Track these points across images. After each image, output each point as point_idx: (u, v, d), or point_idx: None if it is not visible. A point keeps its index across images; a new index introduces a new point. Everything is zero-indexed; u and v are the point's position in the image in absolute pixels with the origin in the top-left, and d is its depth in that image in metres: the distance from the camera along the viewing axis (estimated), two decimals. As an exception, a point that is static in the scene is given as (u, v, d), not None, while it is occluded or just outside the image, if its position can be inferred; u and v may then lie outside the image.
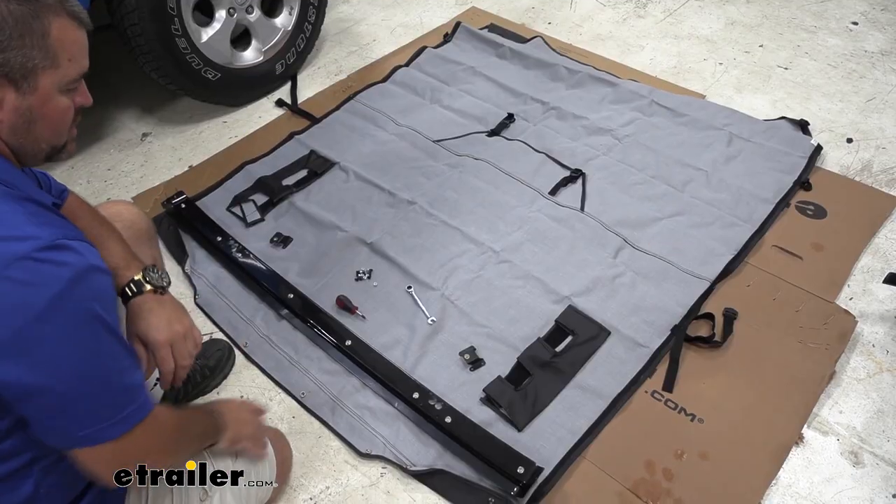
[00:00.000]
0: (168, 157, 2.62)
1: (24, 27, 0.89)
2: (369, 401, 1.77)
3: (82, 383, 0.89)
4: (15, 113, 0.93)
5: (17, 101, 0.93)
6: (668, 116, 2.61)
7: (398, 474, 1.64)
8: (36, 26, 0.91)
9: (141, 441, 0.97)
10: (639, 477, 1.60)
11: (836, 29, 3.16)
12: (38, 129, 0.97)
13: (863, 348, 1.87)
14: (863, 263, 2.08)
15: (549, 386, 1.77)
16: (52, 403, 0.87)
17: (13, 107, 0.93)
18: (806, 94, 2.78)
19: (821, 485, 1.60)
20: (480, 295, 1.99)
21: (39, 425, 0.90)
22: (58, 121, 0.99)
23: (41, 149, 1.00)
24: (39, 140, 0.99)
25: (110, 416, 0.92)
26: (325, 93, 2.89)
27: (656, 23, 3.28)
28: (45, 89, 0.94)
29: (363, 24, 3.37)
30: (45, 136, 0.99)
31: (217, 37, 2.60)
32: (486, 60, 2.99)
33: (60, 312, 0.84)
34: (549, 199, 2.28)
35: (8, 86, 0.91)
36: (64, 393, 0.87)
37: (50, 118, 0.98)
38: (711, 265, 2.05)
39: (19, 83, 0.91)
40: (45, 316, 0.82)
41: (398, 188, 2.34)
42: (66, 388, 0.87)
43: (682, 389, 1.77)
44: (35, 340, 0.83)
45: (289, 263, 2.11)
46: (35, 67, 0.92)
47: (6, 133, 0.94)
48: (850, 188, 2.33)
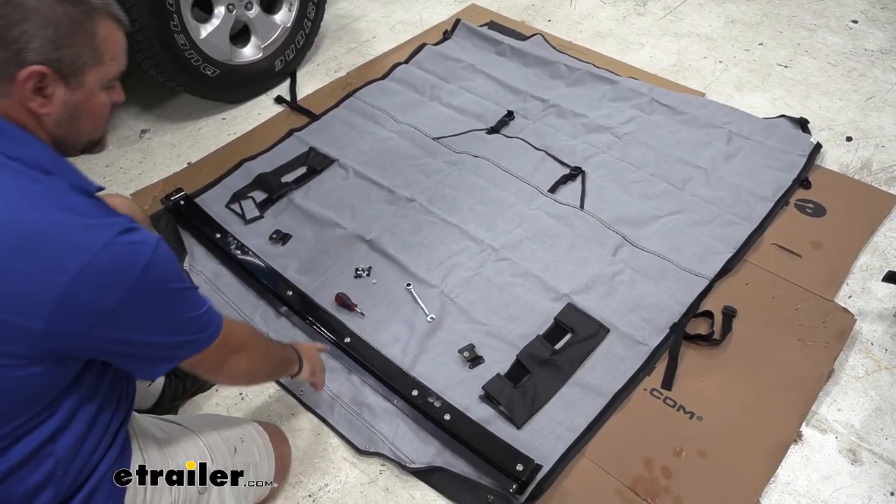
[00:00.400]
0: (167, 154, 2.61)
1: (77, 27, 0.96)
2: (368, 398, 1.77)
3: (174, 329, 1.05)
4: (63, 107, 1.00)
5: (65, 95, 0.99)
6: (668, 114, 2.61)
7: (397, 471, 1.64)
8: (87, 27, 0.98)
9: (224, 341, 1.15)
10: (637, 474, 1.60)
11: (835, 27, 3.16)
12: (80, 123, 1.04)
13: (861, 346, 1.87)
14: (862, 262, 2.08)
15: (548, 383, 1.77)
16: (150, 352, 1.04)
17: (62, 101, 0.99)
18: (805, 93, 2.78)
19: (819, 482, 1.60)
20: (480, 292, 1.99)
21: (139, 365, 1.07)
22: (98, 116, 1.07)
23: (80, 142, 1.07)
24: (81, 133, 1.06)
25: (196, 340, 1.10)
26: (324, 90, 2.89)
27: (656, 20, 3.28)
28: (90, 86, 1.02)
29: (363, 21, 3.36)
30: (86, 129, 1.06)
31: (216, 33, 2.59)
32: (486, 58, 2.98)
33: (150, 280, 0.97)
34: (549, 197, 2.28)
35: (59, 81, 0.98)
36: (160, 341, 1.04)
37: (92, 113, 1.05)
38: (711, 263, 2.05)
39: (69, 79, 0.98)
40: (140, 285, 0.96)
41: (397, 185, 2.34)
42: (161, 337, 1.04)
43: (681, 387, 1.77)
44: (134, 306, 0.97)
45: (288, 260, 2.11)
46: (83, 65, 0.99)
47: (52, 125, 1.01)
48: (850, 186, 2.33)
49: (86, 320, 0.93)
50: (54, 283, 0.90)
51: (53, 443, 1.02)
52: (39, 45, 0.93)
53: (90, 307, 0.93)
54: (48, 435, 1.01)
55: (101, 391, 1.09)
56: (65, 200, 0.95)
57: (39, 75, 0.94)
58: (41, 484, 1.01)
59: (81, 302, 0.92)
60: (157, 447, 1.24)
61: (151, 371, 1.08)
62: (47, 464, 1.01)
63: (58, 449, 1.02)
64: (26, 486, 1.00)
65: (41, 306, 0.90)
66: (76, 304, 0.91)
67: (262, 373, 1.41)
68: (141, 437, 1.22)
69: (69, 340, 0.94)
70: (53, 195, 0.95)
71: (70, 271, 0.90)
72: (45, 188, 0.95)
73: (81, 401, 1.05)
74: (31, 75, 0.94)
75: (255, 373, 1.35)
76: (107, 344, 0.98)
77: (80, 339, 0.95)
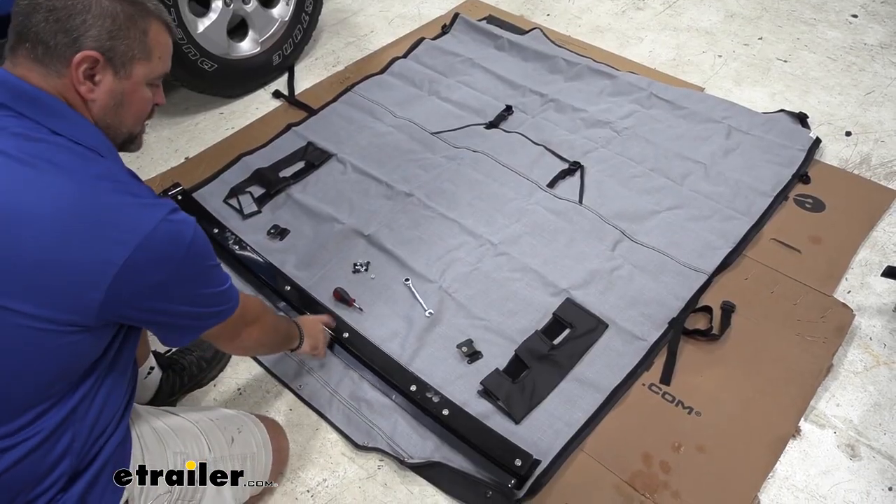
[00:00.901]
0: (164, 149, 2.60)
1: (131, 22, 1.04)
2: (366, 393, 1.77)
3: (205, 301, 1.14)
4: (109, 94, 1.06)
5: (113, 83, 1.06)
6: (667, 109, 2.61)
7: (395, 467, 1.64)
8: (140, 24, 1.06)
9: (241, 314, 1.24)
10: (636, 469, 1.60)
11: (835, 21, 3.15)
12: (123, 113, 1.10)
13: (860, 342, 1.87)
14: (861, 257, 2.08)
15: (546, 379, 1.76)
16: (183, 322, 1.13)
17: (109, 88, 1.05)
18: (805, 87, 2.78)
19: (817, 477, 1.60)
20: (478, 287, 1.99)
21: (170, 333, 1.15)
22: (140, 109, 1.13)
23: (121, 132, 1.12)
24: (122, 124, 1.11)
25: (220, 312, 1.18)
26: (322, 84, 2.88)
27: (655, 15, 3.27)
28: (136, 78, 1.08)
29: (361, 15, 3.35)
30: (127, 121, 1.11)
31: (213, 27, 2.58)
32: (485, 52, 2.97)
33: (193, 255, 1.06)
34: (548, 192, 2.28)
35: (109, 69, 1.04)
36: (193, 311, 1.13)
37: (135, 105, 1.11)
38: (709, 258, 2.05)
39: (118, 68, 1.05)
40: (186, 260, 1.05)
41: (396, 180, 2.33)
42: (195, 308, 1.13)
43: (680, 382, 1.77)
44: (177, 280, 1.05)
45: (286, 255, 2.10)
46: (133, 57, 1.06)
47: (98, 110, 1.06)
48: (849, 181, 2.32)
49: (139, 291, 1.01)
50: (116, 256, 0.96)
51: (74, 414, 1.06)
52: (96, 34, 1.01)
53: (144, 279, 1.00)
54: (72, 407, 1.05)
55: (116, 369, 1.13)
56: (121, 182, 1.02)
57: (92, 60, 1.01)
58: (60, 455, 1.05)
59: (138, 274, 0.99)
60: (155, 435, 1.25)
61: (182, 338, 1.16)
62: (66, 436, 1.05)
63: (77, 421, 1.06)
64: (51, 458, 1.03)
65: (103, 277, 0.96)
66: (133, 276, 0.98)
67: (269, 345, 1.51)
68: (139, 425, 1.23)
69: (120, 308, 1.01)
70: (111, 176, 1.01)
71: (130, 245, 0.97)
72: (104, 170, 1.01)
73: (102, 376, 1.10)
74: (85, 59, 1.01)
75: (263, 344, 1.45)
76: (150, 314, 1.06)
77: (129, 308, 1.03)
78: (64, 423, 1.04)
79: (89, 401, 1.08)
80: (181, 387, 1.75)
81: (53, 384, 1.01)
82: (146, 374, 1.63)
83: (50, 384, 1.01)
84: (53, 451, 1.03)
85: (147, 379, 1.64)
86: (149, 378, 1.65)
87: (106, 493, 1.10)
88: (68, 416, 1.04)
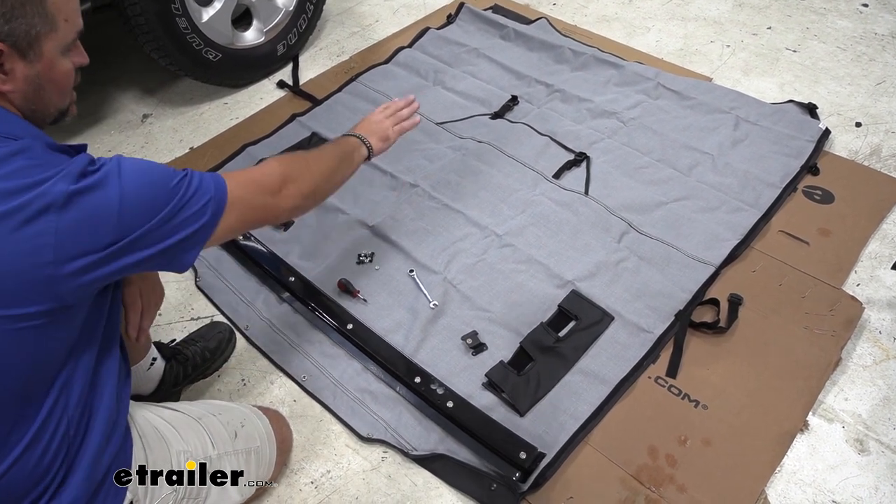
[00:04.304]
0: (169, 139, 2.60)
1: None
2: (371, 385, 1.76)
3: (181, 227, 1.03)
4: (25, 82, 0.98)
5: (26, 69, 0.97)
6: (674, 99, 2.58)
7: (399, 458, 1.63)
8: None
9: (235, 210, 1.12)
10: (642, 463, 1.59)
11: (845, 11, 3.12)
12: (46, 95, 1.02)
13: (869, 335, 1.85)
14: (870, 249, 2.06)
15: (551, 371, 1.75)
16: (171, 254, 1.04)
17: (23, 76, 0.98)
18: (814, 78, 2.75)
19: (825, 472, 1.59)
20: (483, 279, 1.97)
21: (160, 266, 1.06)
22: (64, 84, 1.05)
23: (50, 113, 1.06)
24: (48, 105, 1.04)
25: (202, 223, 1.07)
26: (326, 74, 2.86)
27: (663, 4, 3.23)
28: (49, 54, 0.99)
29: (365, 5, 3.33)
30: (53, 100, 1.04)
31: (218, 17, 2.57)
32: (490, 42, 2.95)
33: (130, 192, 0.96)
34: (553, 183, 2.26)
35: (16, 56, 0.96)
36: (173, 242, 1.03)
37: (56, 82, 1.03)
38: (717, 250, 2.03)
39: (26, 52, 0.96)
40: (122, 202, 0.95)
41: (400, 171, 2.31)
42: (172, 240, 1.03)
43: (686, 375, 1.75)
44: (129, 225, 0.96)
45: (290, 246, 2.09)
46: (38, 35, 0.96)
47: (18, 100, 0.99)
48: (859, 173, 2.30)
49: (90, 257, 0.94)
50: (45, 228, 0.89)
51: (64, 411, 1.01)
52: None
53: (91, 243, 0.93)
54: (60, 406, 1.01)
55: (97, 351, 1.08)
56: (35, 156, 0.94)
57: None
58: (53, 455, 1.01)
59: (79, 240, 0.92)
60: (157, 434, 1.23)
61: (181, 266, 1.08)
62: (59, 433, 1.01)
63: (66, 417, 1.01)
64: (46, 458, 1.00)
65: (43, 254, 0.90)
66: (74, 245, 0.91)
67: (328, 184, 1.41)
68: (140, 425, 1.22)
69: (83, 278, 0.94)
70: (23, 153, 0.93)
71: (53, 211, 0.90)
72: (16, 148, 0.93)
73: (82, 362, 1.05)
74: None
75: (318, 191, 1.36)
76: (126, 269, 0.99)
77: (94, 275, 0.95)
78: (49, 418, 1.00)
79: (73, 387, 1.03)
80: (185, 377, 1.74)
81: (29, 382, 0.96)
82: (149, 366, 1.62)
83: (25, 383, 0.96)
84: (48, 451, 1.00)
85: (150, 370, 1.63)
86: (151, 369, 1.64)
87: (108, 497, 1.09)
88: (52, 409, 1.00)
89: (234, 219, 1.12)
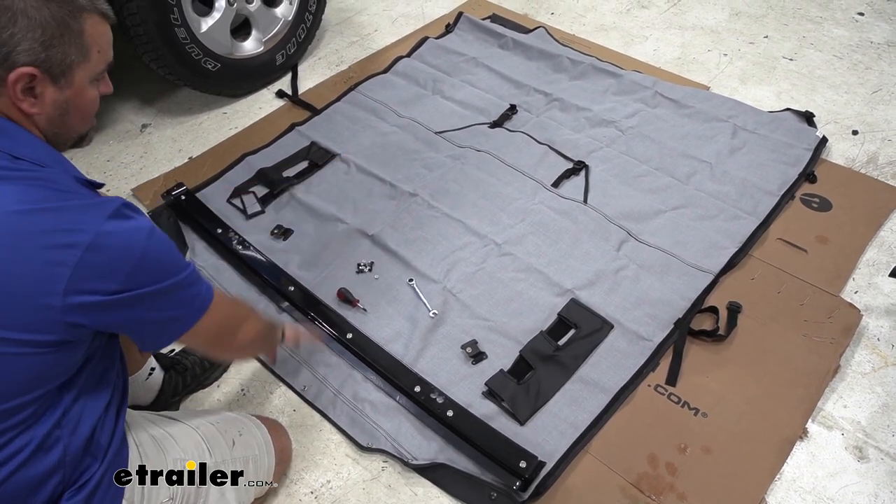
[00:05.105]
0: (168, 149, 2.60)
1: (64, 27, 0.98)
2: (370, 394, 1.76)
3: (171, 306, 1.08)
4: (53, 106, 1.02)
5: (55, 94, 1.02)
6: (672, 108, 2.59)
7: (399, 468, 1.63)
8: (73, 26, 0.99)
9: (216, 315, 1.14)
10: (642, 471, 1.59)
11: (841, 19, 3.13)
12: (70, 120, 1.06)
13: (868, 342, 1.86)
14: (868, 257, 2.06)
15: (551, 380, 1.75)
16: (150, 329, 1.08)
17: (52, 100, 1.02)
18: (811, 86, 2.76)
19: (825, 479, 1.59)
20: (482, 288, 1.98)
21: (137, 339, 1.09)
22: (88, 110, 1.10)
23: (70, 137, 1.10)
24: (70, 129, 1.08)
25: (183, 314, 1.10)
26: (325, 83, 2.87)
27: (660, 13, 3.25)
28: (79, 83, 1.04)
29: (364, 14, 3.34)
30: (75, 125, 1.08)
31: (217, 27, 2.58)
32: (489, 51, 2.96)
33: (151, 253, 1.00)
34: (552, 192, 2.26)
35: (48, 81, 1.00)
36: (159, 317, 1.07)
37: (82, 108, 1.07)
38: (715, 258, 2.03)
39: (57, 78, 1.01)
40: (142, 259, 0.99)
41: (399, 180, 2.32)
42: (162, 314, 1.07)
43: (686, 383, 1.76)
44: (135, 288, 0.99)
45: (289, 256, 2.09)
46: (72, 63, 1.01)
47: (43, 122, 1.03)
48: (856, 180, 2.31)
49: (96, 299, 0.96)
50: (66, 260, 0.92)
51: (60, 429, 1.03)
52: (28, 47, 0.95)
53: (100, 285, 0.95)
54: (55, 422, 1.02)
55: (104, 380, 1.11)
56: (63, 185, 0.98)
57: (29, 77, 0.97)
58: (51, 469, 1.03)
59: (93, 278, 0.94)
60: (154, 443, 1.23)
61: (153, 344, 1.11)
62: (56, 450, 1.03)
63: (65, 435, 1.04)
64: (35, 469, 1.01)
65: (57, 282, 0.92)
66: (88, 280, 0.94)
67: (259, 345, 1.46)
68: (136, 433, 1.22)
69: (79, 317, 0.96)
70: (52, 182, 0.97)
71: (81, 247, 0.93)
72: (43, 175, 0.98)
73: (85, 389, 1.07)
74: (21, 77, 0.96)
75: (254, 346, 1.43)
76: (114, 324, 1.02)
77: (89, 317, 0.97)
78: (49, 437, 1.01)
79: (75, 416, 1.05)
80: (184, 387, 1.74)
81: (25, 400, 0.98)
82: (147, 376, 1.62)
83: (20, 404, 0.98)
84: (41, 463, 1.01)
85: (148, 380, 1.63)
86: (150, 379, 1.64)
87: (105, 500, 1.09)
88: (53, 429, 1.02)
89: (209, 323, 1.14)
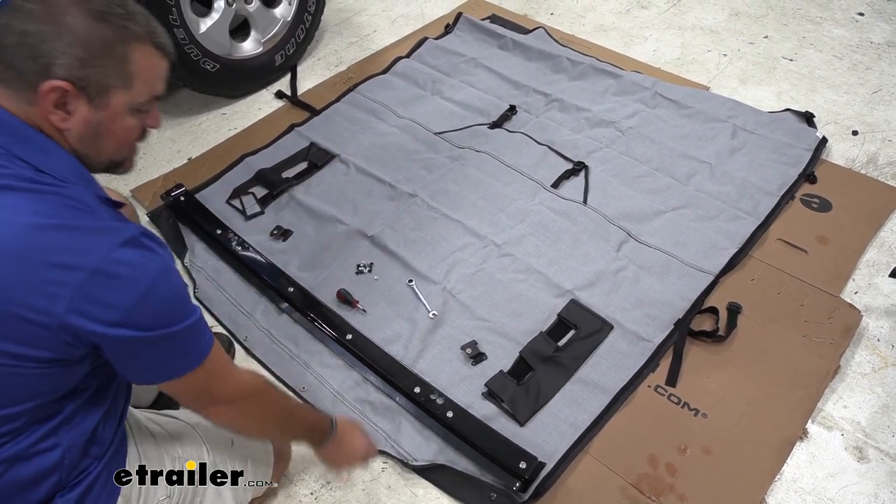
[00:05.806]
0: (167, 150, 2.60)
1: (108, 50, 0.96)
2: (370, 395, 1.76)
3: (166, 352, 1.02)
4: (84, 124, 0.99)
5: (88, 113, 0.99)
6: (672, 108, 2.59)
7: (399, 469, 1.63)
8: (119, 51, 0.98)
9: (209, 368, 1.07)
10: (642, 472, 1.59)
11: (841, 20, 3.13)
12: (102, 143, 1.03)
13: (868, 343, 1.86)
14: (868, 257, 2.06)
15: (551, 380, 1.75)
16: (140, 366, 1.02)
17: (84, 118, 0.99)
18: (811, 86, 2.76)
19: (825, 480, 1.59)
20: (482, 289, 1.98)
21: (129, 371, 1.04)
22: (122, 138, 1.06)
23: (101, 161, 1.06)
24: (102, 153, 1.05)
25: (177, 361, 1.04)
26: (325, 84, 2.87)
27: (660, 13, 3.25)
28: (115, 108, 1.01)
29: (363, 15, 3.34)
30: (108, 150, 1.05)
31: (216, 27, 2.58)
32: (488, 52, 2.96)
33: (158, 292, 0.96)
34: (552, 192, 2.26)
35: (82, 98, 0.97)
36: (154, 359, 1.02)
37: (116, 135, 1.04)
38: (715, 259, 2.03)
39: (93, 98, 0.98)
40: (146, 296, 0.95)
41: (399, 181, 2.32)
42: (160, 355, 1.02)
43: (686, 384, 1.75)
44: (142, 310, 0.95)
45: (289, 257, 2.09)
46: (109, 87, 0.99)
47: (74, 140, 1.01)
48: (856, 181, 2.31)
49: (94, 326, 0.93)
50: (70, 280, 0.90)
51: (59, 436, 1.02)
52: (66, 62, 0.94)
53: (99, 313, 0.93)
54: (54, 427, 1.01)
55: (105, 389, 1.09)
56: (82, 204, 0.96)
57: (61, 90, 0.95)
58: (48, 470, 1.02)
59: (93, 304, 0.92)
60: (153, 441, 1.24)
61: (138, 379, 1.08)
62: (55, 453, 1.02)
63: (64, 441, 1.03)
64: (31, 470, 1.01)
65: (57, 303, 0.91)
66: (88, 306, 0.92)
67: (265, 435, 1.35)
68: (136, 432, 1.22)
69: (75, 338, 0.94)
70: (72, 199, 0.96)
71: (85, 269, 0.91)
72: (65, 192, 0.96)
73: (88, 397, 1.06)
74: (53, 89, 0.94)
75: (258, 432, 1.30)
76: (105, 351, 0.98)
77: (84, 341, 0.95)
78: (47, 440, 1.01)
79: (74, 421, 1.04)
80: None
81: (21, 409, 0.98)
82: None
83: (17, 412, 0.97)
84: (37, 464, 1.01)
85: None
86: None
87: (100, 499, 1.09)
88: (51, 435, 1.02)
89: (196, 377, 1.08)
